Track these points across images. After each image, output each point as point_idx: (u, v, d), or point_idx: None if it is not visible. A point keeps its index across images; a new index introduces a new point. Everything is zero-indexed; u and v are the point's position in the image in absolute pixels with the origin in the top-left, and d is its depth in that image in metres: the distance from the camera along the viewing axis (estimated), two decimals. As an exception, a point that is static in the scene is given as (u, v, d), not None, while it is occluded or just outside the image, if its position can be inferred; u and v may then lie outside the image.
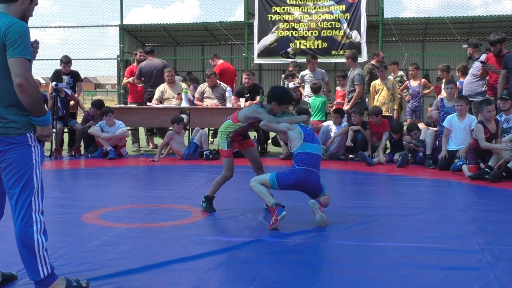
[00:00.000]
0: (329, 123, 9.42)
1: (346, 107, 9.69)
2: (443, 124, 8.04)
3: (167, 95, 10.19)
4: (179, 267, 3.51)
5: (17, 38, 2.79)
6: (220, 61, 11.67)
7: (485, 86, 8.57)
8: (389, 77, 10.10)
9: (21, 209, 2.93)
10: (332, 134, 9.18)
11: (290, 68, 11.39)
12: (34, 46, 3.10)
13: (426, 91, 11.34)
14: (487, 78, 8.51)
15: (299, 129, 4.75)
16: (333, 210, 5.18)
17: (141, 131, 11.44)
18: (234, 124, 5.04)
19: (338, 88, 11.13)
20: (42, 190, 3.01)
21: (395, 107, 9.79)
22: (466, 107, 7.83)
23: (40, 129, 2.93)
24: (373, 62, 10.63)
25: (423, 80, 11.35)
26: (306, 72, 10.70)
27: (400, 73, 12.04)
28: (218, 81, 10.37)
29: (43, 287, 2.97)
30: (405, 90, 11.58)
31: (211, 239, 4.19)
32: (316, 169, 4.72)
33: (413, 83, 11.71)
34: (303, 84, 10.74)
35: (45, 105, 9.78)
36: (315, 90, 9.93)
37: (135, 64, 11.23)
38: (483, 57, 8.82)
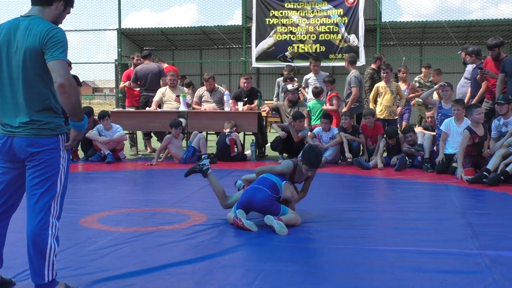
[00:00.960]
0: (318, 130, 9.24)
1: (344, 110, 9.69)
2: (441, 128, 8.05)
3: (167, 98, 10.20)
4: (177, 270, 3.50)
5: (58, 43, 2.84)
6: (165, 65, 11.50)
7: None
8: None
9: (40, 211, 2.92)
10: (322, 140, 9.07)
11: (285, 72, 11.37)
12: None
13: (411, 95, 11.18)
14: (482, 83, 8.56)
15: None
16: (330, 214, 5.19)
17: (139, 135, 11.43)
18: None
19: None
20: (63, 196, 3.02)
21: (399, 109, 9.64)
22: (462, 111, 7.85)
23: (76, 133, 2.96)
24: (373, 66, 10.42)
25: (411, 83, 11.28)
26: (310, 75, 10.63)
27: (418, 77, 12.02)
28: (216, 85, 10.39)
29: None
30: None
31: (209, 243, 4.18)
32: (265, 188, 4.69)
33: (402, 87, 11.60)
34: (305, 87, 10.71)
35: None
36: (316, 94, 9.92)
37: (132, 68, 11.24)
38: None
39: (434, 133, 8.55)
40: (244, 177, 5.25)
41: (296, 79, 11.98)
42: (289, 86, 10.04)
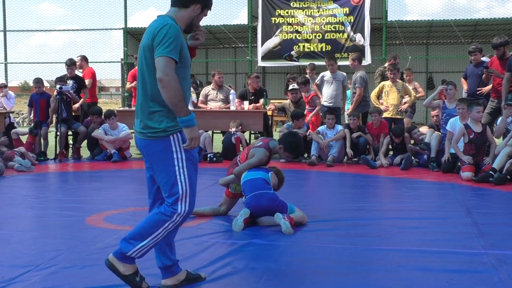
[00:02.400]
0: (322, 128, 9.24)
1: (349, 110, 9.68)
2: (446, 127, 8.03)
3: None
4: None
5: (167, 39, 2.83)
6: (88, 66, 11.25)
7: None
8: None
9: (166, 206, 3.00)
10: (327, 138, 9.04)
11: (308, 71, 11.15)
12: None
13: (418, 95, 11.14)
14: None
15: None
16: (335, 213, 5.19)
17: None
18: None
19: (304, 94, 10.70)
20: (189, 193, 3.01)
21: (405, 106, 9.56)
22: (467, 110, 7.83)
23: (188, 131, 2.91)
24: (387, 64, 10.37)
25: (415, 83, 11.25)
26: (327, 73, 10.35)
27: None
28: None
29: (171, 274, 3.11)
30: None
31: (214, 242, 4.18)
32: (264, 189, 4.70)
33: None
34: (319, 83, 10.41)
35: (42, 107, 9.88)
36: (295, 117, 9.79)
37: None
38: (484, 58, 8.86)
39: (440, 133, 8.53)
40: (222, 181, 5.17)
41: (297, 78, 11.93)
42: (290, 86, 10.03)
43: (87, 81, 10.46)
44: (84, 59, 11.13)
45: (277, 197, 4.71)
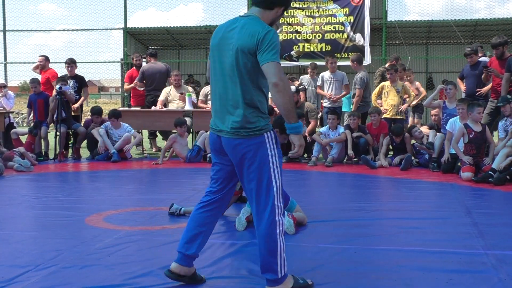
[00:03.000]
0: (324, 129, 9.25)
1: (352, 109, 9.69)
2: (446, 127, 8.03)
3: (172, 97, 10.22)
4: (182, 269, 3.50)
5: (272, 44, 2.90)
6: (50, 67, 11.13)
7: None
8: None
9: (263, 211, 2.98)
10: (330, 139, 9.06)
11: (309, 70, 11.16)
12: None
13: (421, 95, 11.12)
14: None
15: None
16: (336, 213, 5.19)
17: (145, 134, 11.45)
18: None
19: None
20: (282, 189, 3.06)
21: (405, 106, 9.54)
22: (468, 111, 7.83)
23: (297, 138, 3.01)
24: (387, 64, 10.44)
25: (417, 83, 11.25)
26: (326, 73, 10.34)
27: None
28: None
29: (276, 284, 3.03)
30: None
31: (214, 242, 4.18)
32: None
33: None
34: (321, 86, 10.42)
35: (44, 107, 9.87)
36: None
37: (135, 68, 11.25)
38: (483, 60, 8.87)
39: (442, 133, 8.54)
40: None
41: (297, 78, 11.92)
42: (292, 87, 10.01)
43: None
44: (47, 59, 11.08)
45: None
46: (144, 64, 11.19)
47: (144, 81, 10.69)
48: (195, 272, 3.25)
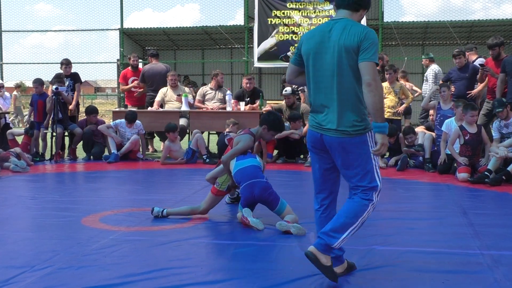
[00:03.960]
0: None
1: None
2: (442, 128, 8.04)
3: (169, 98, 10.21)
4: (179, 270, 3.50)
5: (372, 45, 3.04)
6: None
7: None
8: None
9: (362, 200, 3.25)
10: None
11: None
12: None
13: (416, 94, 11.12)
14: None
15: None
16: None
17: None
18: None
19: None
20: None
21: (403, 106, 9.52)
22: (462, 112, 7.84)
23: (381, 138, 3.08)
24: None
25: (409, 84, 11.28)
26: None
27: None
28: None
29: (325, 250, 3.12)
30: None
31: (211, 243, 4.18)
32: (257, 178, 4.77)
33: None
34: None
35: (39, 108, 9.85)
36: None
37: (129, 68, 11.23)
38: (479, 60, 8.88)
39: (434, 133, 8.55)
40: (208, 176, 5.19)
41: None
42: (284, 91, 10.00)
43: None
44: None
45: (269, 186, 4.75)
46: (141, 64, 11.19)
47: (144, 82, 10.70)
48: (347, 261, 3.44)
